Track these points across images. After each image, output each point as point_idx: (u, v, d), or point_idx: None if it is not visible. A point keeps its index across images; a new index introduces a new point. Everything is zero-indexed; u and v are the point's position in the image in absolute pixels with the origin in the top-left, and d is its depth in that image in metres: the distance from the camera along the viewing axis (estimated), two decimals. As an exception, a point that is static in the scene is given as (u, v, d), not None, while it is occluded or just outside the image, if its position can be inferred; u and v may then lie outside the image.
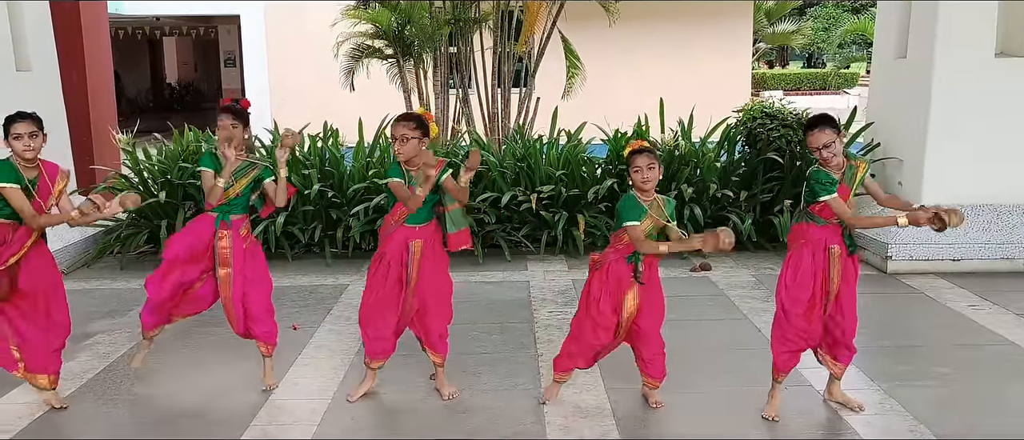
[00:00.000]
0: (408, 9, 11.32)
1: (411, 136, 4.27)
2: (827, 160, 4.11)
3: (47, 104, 8.10)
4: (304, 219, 7.80)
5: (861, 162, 4.29)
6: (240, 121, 4.52)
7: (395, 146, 4.31)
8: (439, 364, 4.64)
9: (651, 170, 4.16)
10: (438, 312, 4.58)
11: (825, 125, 4.11)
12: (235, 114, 4.52)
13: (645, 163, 4.16)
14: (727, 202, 7.84)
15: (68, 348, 5.31)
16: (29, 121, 4.24)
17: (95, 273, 7.50)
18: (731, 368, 5.07)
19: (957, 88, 7.18)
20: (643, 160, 4.17)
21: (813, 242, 4.22)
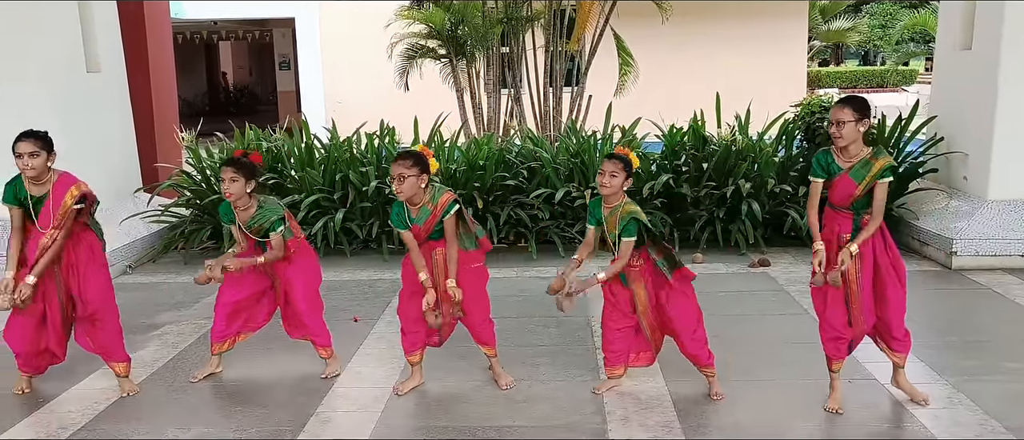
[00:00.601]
0: (461, 9, 11.41)
1: (408, 175, 4.24)
2: (834, 135, 4.06)
3: (116, 104, 8.38)
4: (362, 215, 7.91)
5: (881, 160, 4.08)
6: (242, 174, 4.49)
7: (394, 186, 4.29)
8: (491, 355, 4.68)
9: (614, 178, 4.26)
10: (475, 306, 4.57)
11: (846, 104, 4.08)
12: (236, 167, 4.51)
13: (608, 169, 4.28)
14: (785, 197, 7.75)
15: (138, 338, 5.54)
16: (31, 141, 4.34)
17: (160, 267, 7.70)
18: (791, 361, 5.01)
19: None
20: (607, 165, 4.30)
21: (828, 227, 4.22)
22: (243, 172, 4.50)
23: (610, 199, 4.34)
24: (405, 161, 4.29)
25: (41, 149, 4.36)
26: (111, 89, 8.30)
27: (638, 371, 4.74)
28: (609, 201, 4.35)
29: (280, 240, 4.61)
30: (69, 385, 4.78)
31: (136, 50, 9.25)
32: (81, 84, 7.77)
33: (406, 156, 4.33)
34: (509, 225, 7.86)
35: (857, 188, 4.06)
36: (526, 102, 12.08)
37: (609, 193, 4.31)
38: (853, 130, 4.01)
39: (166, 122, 9.83)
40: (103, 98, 8.12)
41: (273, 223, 4.58)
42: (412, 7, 11.96)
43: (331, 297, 6.47)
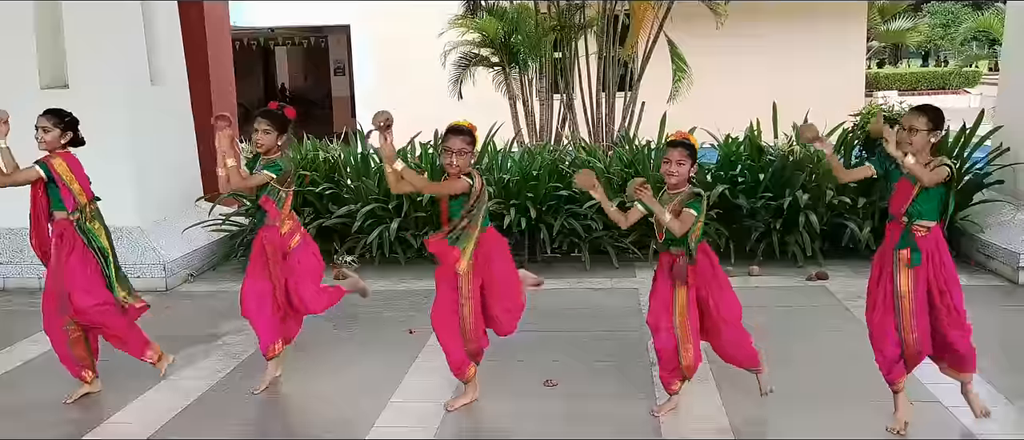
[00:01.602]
0: (515, 17, 11.46)
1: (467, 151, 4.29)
2: (902, 141, 3.96)
3: (178, 115, 8.59)
4: (416, 225, 7.98)
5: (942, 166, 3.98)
6: (275, 127, 4.62)
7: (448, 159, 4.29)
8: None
9: (680, 165, 4.17)
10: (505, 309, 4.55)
11: (922, 112, 4.00)
12: (270, 119, 4.63)
13: (675, 157, 4.19)
14: (844, 209, 7.61)
15: (200, 348, 5.67)
16: (44, 116, 4.67)
17: (220, 276, 7.86)
18: (851, 379, 4.91)
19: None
20: (674, 153, 4.20)
21: (886, 240, 4.16)
22: (276, 124, 4.64)
23: (677, 188, 4.25)
24: (465, 136, 4.30)
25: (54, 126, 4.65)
26: (174, 100, 8.51)
27: (697, 390, 4.70)
28: (673, 190, 4.26)
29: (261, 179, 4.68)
30: (132, 397, 4.90)
31: (197, 59, 9.44)
32: (145, 95, 7.98)
33: (463, 131, 4.32)
34: (562, 235, 7.86)
35: (913, 191, 3.99)
36: (578, 109, 12.08)
37: (677, 181, 4.22)
38: (924, 139, 3.93)
39: (226, 131, 10.02)
40: (166, 110, 8.33)
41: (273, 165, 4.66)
42: (466, 16, 12.05)
43: (387, 308, 6.59)
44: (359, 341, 5.88)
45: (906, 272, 4.06)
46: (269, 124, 4.62)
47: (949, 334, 4.16)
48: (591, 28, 12.10)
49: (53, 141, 4.64)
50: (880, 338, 4.20)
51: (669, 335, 4.34)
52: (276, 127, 4.63)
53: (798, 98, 9.65)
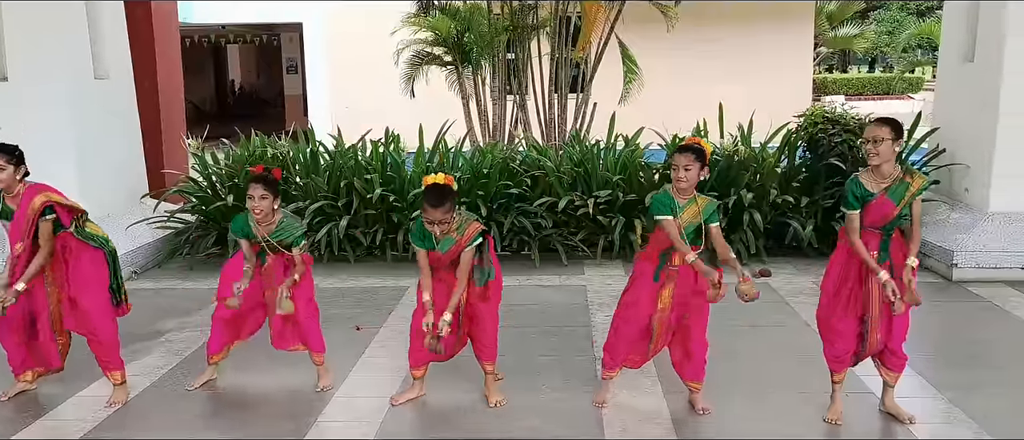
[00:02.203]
0: (467, 16, 11.47)
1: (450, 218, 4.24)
2: (868, 153, 4.09)
3: (123, 111, 8.46)
4: (366, 223, 7.96)
5: (918, 178, 4.18)
6: (271, 192, 4.56)
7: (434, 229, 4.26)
8: (490, 371, 4.65)
9: (688, 171, 4.19)
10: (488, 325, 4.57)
11: (884, 123, 4.12)
12: (266, 184, 4.56)
13: (684, 162, 4.20)
14: (788, 208, 7.78)
15: (143, 345, 5.59)
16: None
17: (165, 273, 7.76)
18: (789, 374, 5.04)
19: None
20: (682, 159, 4.22)
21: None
22: (271, 189, 4.58)
23: (685, 193, 4.25)
24: (445, 206, 4.19)
25: (8, 163, 4.44)
26: (119, 95, 8.38)
27: (639, 384, 4.78)
28: (684, 195, 4.25)
29: (300, 254, 4.67)
30: (72, 392, 4.83)
31: (144, 55, 9.33)
32: (89, 91, 7.85)
33: (442, 199, 4.20)
34: (512, 233, 7.90)
35: (896, 209, 4.10)
36: (531, 109, 12.13)
37: (686, 186, 4.21)
38: (889, 149, 4.06)
39: (173, 128, 9.91)
40: (110, 105, 8.19)
41: (296, 238, 4.64)
42: (418, 14, 12.03)
43: (334, 305, 6.56)
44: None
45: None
46: (265, 189, 4.56)
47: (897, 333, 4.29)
48: (544, 29, 12.17)
49: (10, 178, 4.46)
50: (836, 334, 4.28)
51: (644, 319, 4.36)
52: (271, 191, 4.58)
53: (747, 101, 9.83)
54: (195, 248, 8.03)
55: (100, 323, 4.64)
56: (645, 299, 4.37)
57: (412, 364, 4.67)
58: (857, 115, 8.22)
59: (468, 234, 4.34)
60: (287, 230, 4.63)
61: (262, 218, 4.57)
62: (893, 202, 4.09)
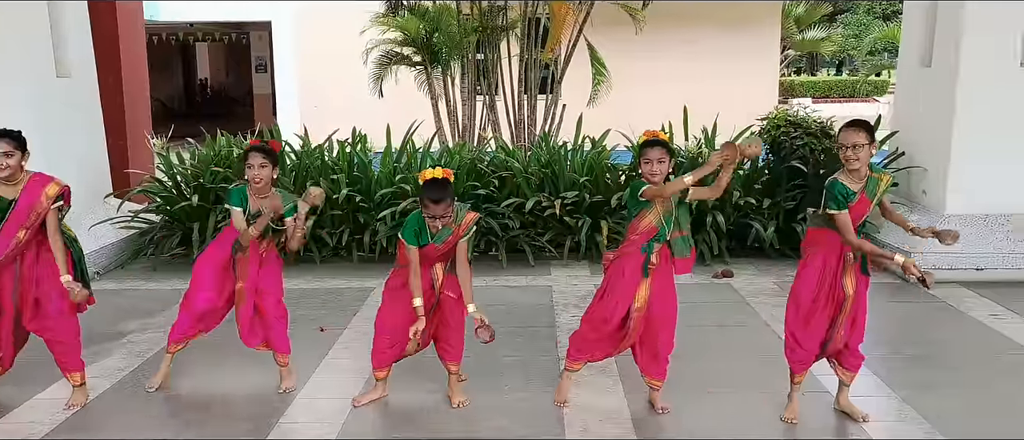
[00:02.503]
0: (436, 17, 11.49)
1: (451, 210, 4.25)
2: (849, 160, 4.16)
3: (86, 109, 8.37)
4: (332, 223, 7.95)
5: (884, 175, 4.34)
6: (270, 161, 4.57)
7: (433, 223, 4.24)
8: (455, 372, 4.67)
9: (661, 164, 4.25)
10: (459, 327, 4.59)
11: (860, 128, 4.21)
12: (266, 153, 4.58)
13: (656, 156, 4.26)
14: (750, 209, 7.88)
15: (104, 346, 5.55)
16: (5, 140, 4.35)
17: (129, 274, 7.70)
18: (749, 373, 5.12)
19: (982, 98, 7.20)
20: (654, 153, 4.27)
21: (828, 247, 4.28)
22: (270, 159, 4.59)
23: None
24: (446, 201, 4.19)
25: (16, 149, 4.38)
26: (81, 94, 8.29)
27: (600, 384, 4.83)
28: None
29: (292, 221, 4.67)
30: (28, 394, 4.78)
31: (108, 53, 9.23)
32: (51, 89, 7.76)
33: (444, 193, 4.20)
34: (479, 234, 7.93)
35: (870, 205, 4.23)
36: (501, 110, 12.17)
37: (659, 181, 4.27)
38: (867, 153, 4.17)
39: (138, 127, 9.82)
40: (73, 103, 8.11)
41: (289, 208, 4.65)
42: (387, 14, 12.02)
43: (298, 306, 6.53)
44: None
45: (853, 275, 4.25)
46: (265, 158, 4.56)
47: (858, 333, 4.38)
48: (513, 30, 12.21)
49: (16, 165, 4.40)
50: (804, 334, 4.33)
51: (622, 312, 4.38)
52: (271, 161, 4.58)
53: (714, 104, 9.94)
54: (159, 249, 7.97)
55: (65, 325, 4.59)
56: (625, 293, 4.38)
57: (376, 365, 4.67)
58: (819, 119, 8.35)
59: (465, 223, 4.37)
60: (287, 199, 4.65)
61: (261, 187, 4.56)
62: (869, 199, 4.22)
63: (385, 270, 7.37)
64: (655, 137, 4.35)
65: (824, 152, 7.91)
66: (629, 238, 4.42)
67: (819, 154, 7.88)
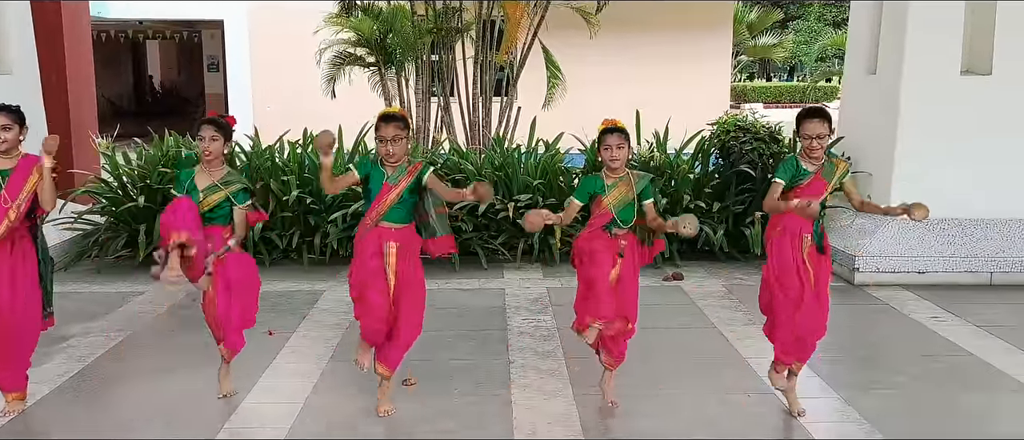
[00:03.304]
0: (390, 18, 11.43)
1: (402, 136, 4.28)
2: (813, 149, 4.27)
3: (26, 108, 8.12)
4: (282, 225, 7.86)
5: (840, 161, 4.47)
6: (222, 134, 4.49)
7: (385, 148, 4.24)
8: (386, 377, 4.53)
9: (620, 149, 4.34)
10: (409, 322, 4.46)
11: (821, 117, 4.30)
12: (218, 127, 4.50)
13: (615, 142, 4.34)
14: (700, 213, 7.96)
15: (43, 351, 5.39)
16: (3, 114, 4.38)
17: (72, 276, 7.52)
18: (697, 374, 5.17)
19: (924, 105, 7.38)
20: (613, 139, 4.35)
21: (789, 230, 4.36)
22: (223, 132, 4.49)
23: (617, 172, 4.39)
24: (398, 123, 4.28)
25: (14, 122, 4.40)
26: (22, 91, 8.05)
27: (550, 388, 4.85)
28: (615, 173, 4.40)
29: (243, 215, 4.55)
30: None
31: (52, 51, 9.03)
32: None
33: (396, 118, 4.30)
34: (431, 236, 7.89)
35: (828, 187, 4.32)
36: (456, 112, 12.15)
37: (619, 165, 4.36)
38: (828, 140, 4.33)
39: (84, 126, 9.60)
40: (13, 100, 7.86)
41: (238, 192, 4.51)
42: (340, 14, 11.93)
43: (247, 309, 6.46)
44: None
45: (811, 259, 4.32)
46: (217, 130, 4.46)
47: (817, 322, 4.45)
48: (468, 32, 12.20)
49: (15, 139, 4.37)
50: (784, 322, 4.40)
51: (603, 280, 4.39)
52: (223, 134, 4.49)
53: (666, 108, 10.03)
54: (104, 250, 7.81)
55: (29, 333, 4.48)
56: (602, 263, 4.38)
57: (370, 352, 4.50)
58: (767, 124, 8.47)
59: (416, 165, 4.37)
60: (235, 177, 4.55)
61: (212, 160, 4.46)
62: (826, 180, 4.32)
63: (336, 273, 7.40)
64: (613, 125, 4.43)
65: (772, 157, 8.04)
66: (589, 226, 4.48)
67: (768, 159, 8.00)
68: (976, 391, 4.98)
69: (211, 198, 4.48)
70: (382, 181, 4.32)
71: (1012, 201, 7.40)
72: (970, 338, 5.82)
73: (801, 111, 4.44)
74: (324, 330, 5.97)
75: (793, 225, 4.33)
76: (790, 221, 4.33)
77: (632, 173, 4.46)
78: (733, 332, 5.93)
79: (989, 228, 7.33)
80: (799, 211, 4.20)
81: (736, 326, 6.06)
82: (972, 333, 5.93)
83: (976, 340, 5.78)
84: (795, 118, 4.45)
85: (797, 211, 4.21)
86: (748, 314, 6.22)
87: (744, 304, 6.52)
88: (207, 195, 4.47)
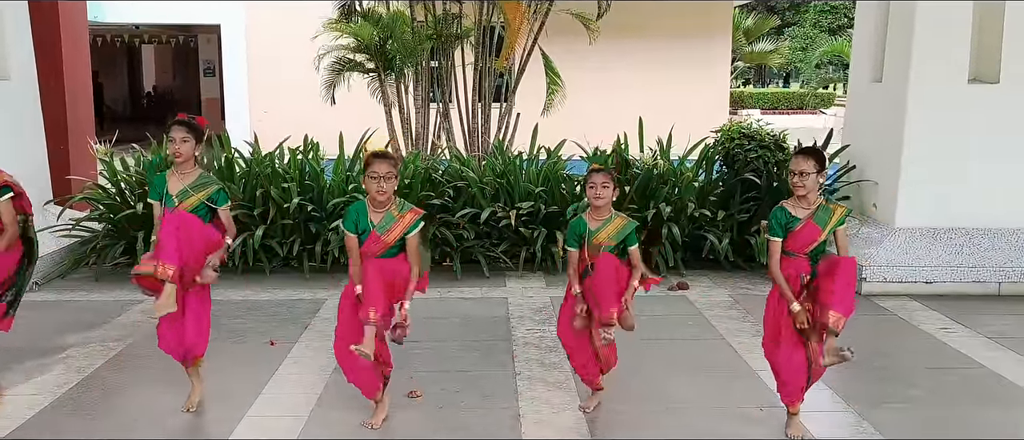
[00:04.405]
0: (390, 24, 11.35)
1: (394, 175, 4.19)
2: (795, 186, 4.23)
3: (25, 113, 8.07)
4: (282, 233, 7.77)
5: (838, 207, 4.38)
6: (193, 136, 4.39)
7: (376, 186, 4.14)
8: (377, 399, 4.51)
9: (605, 189, 4.38)
10: None
11: (809, 156, 4.25)
12: (189, 128, 4.39)
13: (601, 181, 4.39)
14: (704, 221, 7.91)
15: (42, 362, 5.32)
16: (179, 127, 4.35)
17: (70, 284, 7.42)
18: (704, 387, 5.10)
19: (931, 113, 7.31)
20: (598, 178, 4.41)
21: (785, 272, 4.28)
22: (194, 134, 4.39)
23: (601, 212, 4.42)
24: (390, 160, 4.21)
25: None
26: (21, 97, 7.99)
27: (558, 401, 4.78)
28: (599, 214, 4.42)
29: (229, 214, 4.46)
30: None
31: (50, 55, 8.93)
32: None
33: (389, 156, 4.25)
34: (434, 244, 7.81)
35: (821, 234, 4.23)
36: (455, 118, 12.07)
37: (603, 204, 4.39)
38: (814, 181, 4.22)
39: (81, 131, 9.49)
40: (12, 106, 7.81)
41: (218, 193, 4.42)
42: (340, 20, 11.84)
43: (247, 318, 6.38)
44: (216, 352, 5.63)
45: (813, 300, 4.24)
46: (188, 132, 4.38)
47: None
48: (468, 38, 12.12)
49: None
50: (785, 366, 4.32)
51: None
52: (194, 135, 4.39)
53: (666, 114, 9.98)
54: (102, 258, 7.70)
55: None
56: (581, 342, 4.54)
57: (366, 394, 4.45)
58: (772, 131, 8.42)
59: (410, 215, 4.26)
60: (208, 180, 4.44)
61: (182, 163, 4.37)
62: (819, 227, 4.23)
63: (337, 281, 7.30)
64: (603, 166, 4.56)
65: (777, 165, 7.98)
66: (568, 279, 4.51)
67: (772, 167, 7.94)
68: (991, 405, 4.91)
69: (186, 203, 4.38)
70: (369, 231, 4.23)
71: (1020, 211, 7.34)
72: (981, 350, 5.76)
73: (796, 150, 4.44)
74: (326, 340, 5.84)
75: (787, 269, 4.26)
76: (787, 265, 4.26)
77: (617, 217, 4.45)
78: (741, 343, 5.86)
79: (997, 238, 7.28)
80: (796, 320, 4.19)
81: (744, 337, 5.99)
82: (983, 345, 5.87)
83: (987, 352, 5.72)
84: None
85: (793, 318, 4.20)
86: (756, 325, 6.12)
87: (751, 314, 6.45)
88: (181, 200, 4.38)
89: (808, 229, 4.23)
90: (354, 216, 4.25)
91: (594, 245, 4.39)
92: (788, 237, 4.26)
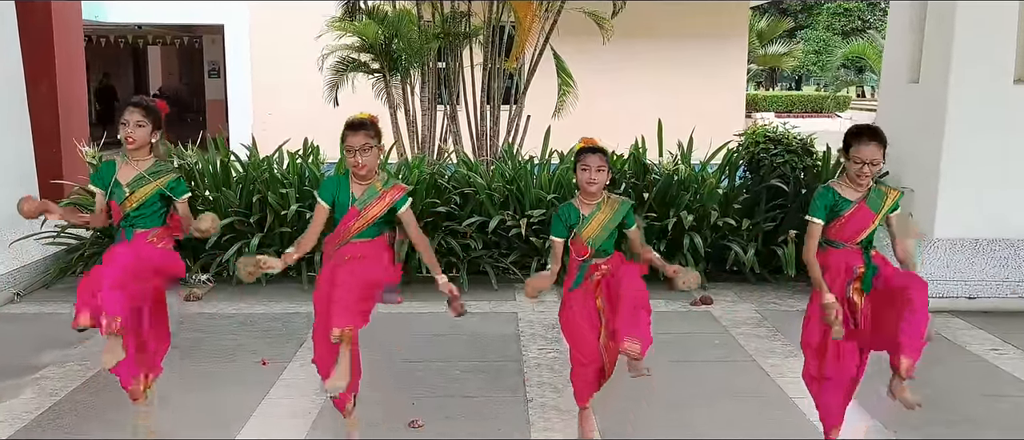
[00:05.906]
0: (396, 22, 10.94)
1: (372, 145, 3.84)
2: (863, 176, 3.71)
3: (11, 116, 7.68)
4: (280, 241, 7.33)
5: (892, 190, 3.90)
6: (149, 120, 3.94)
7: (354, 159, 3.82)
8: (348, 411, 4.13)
9: (599, 172, 3.91)
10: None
11: (878, 141, 3.70)
12: (145, 110, 3.95)
13: (595, 163, 3.91)
14: (728, 231, 7.43)
15: (12, 383, 4.91)
16: None
17: (53, 295, 7.01)
18: (734, 415, 4.64)
19: (973, 116, 6.83)
20: (593, 160, 3.92)
21: (833, 268, 3.81)
22: (151, 117, 3.95)
23: (594, 196, 3.98)
24: (368, 131, 3.82)
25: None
26: (7, 100, 7.61)
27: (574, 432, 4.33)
28: (592, 199, 3.99)
29: (188, 208, 4.05)
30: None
31: (42, 58, 8.57)
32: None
33: (364, 125, 3.84)
34: (439, 255, 7.35)
35: (875, 219, 3.75)
36: (462, 120, 11.66)
37: (595, 190, 3.95)
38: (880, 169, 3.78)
39: (73, 135, 9.11)
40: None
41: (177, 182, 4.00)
42: (343, 19, 11.44)
43: (239, 334, 5.96)
44: (205, 372, 5.23)
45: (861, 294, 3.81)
46: (145, 115, 3.92)
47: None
48: (476, 37, 11.71)
49: None
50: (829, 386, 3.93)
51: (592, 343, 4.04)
52: (151, 120, 3.94)
53: (681, 116, 9.55)
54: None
55: None
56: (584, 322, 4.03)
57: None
58: (799, 135, 7.95)
59: (393, 191, 3.87)
60: (164, 168, 4.00)
61: (135, 149, 3.91)
62: (873, 211, 3.75)
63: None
64: (594, 144, 4.01)
65: (805, 170, 7.52)
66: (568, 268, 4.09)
67: (800, 173, 7.48)
68: (1054, 438, 4.44)
69: (139, 193, 3.93)
70: (349, 205, 3.84)
71: (1068, 220, 6.86)
72: (1038, 374, 5.28)
73: (853, 129, 3.84)
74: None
75: (837, 261, 3.80)
76: (835, 257, 3.80)
77: (611, 198, 4.01)
78: (773, 366, 5.39)
79: (1044, 249, 6.80)
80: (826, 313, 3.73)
81: (775, 358, 5.52)
82: (1040, 369, 5.39)
83: (1044, 377, 5.25)
84: (844, 137, 3.87)
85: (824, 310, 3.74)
86: (786, 344, 5.68)
87: (781, 332, 5.99)
88: (134, 190, 3.93)
89: (860, 214, 3.74)
90: (332, 187, 3.90)
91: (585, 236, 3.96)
92: (834, 223, 3.76)
